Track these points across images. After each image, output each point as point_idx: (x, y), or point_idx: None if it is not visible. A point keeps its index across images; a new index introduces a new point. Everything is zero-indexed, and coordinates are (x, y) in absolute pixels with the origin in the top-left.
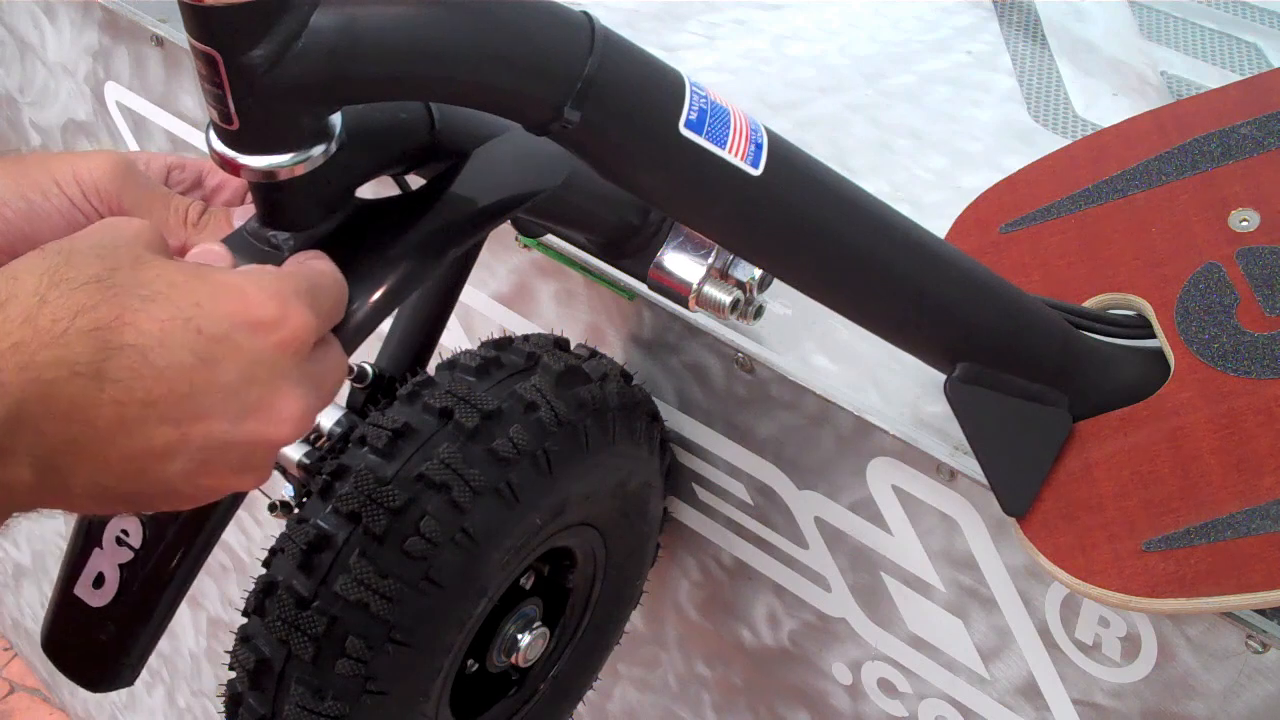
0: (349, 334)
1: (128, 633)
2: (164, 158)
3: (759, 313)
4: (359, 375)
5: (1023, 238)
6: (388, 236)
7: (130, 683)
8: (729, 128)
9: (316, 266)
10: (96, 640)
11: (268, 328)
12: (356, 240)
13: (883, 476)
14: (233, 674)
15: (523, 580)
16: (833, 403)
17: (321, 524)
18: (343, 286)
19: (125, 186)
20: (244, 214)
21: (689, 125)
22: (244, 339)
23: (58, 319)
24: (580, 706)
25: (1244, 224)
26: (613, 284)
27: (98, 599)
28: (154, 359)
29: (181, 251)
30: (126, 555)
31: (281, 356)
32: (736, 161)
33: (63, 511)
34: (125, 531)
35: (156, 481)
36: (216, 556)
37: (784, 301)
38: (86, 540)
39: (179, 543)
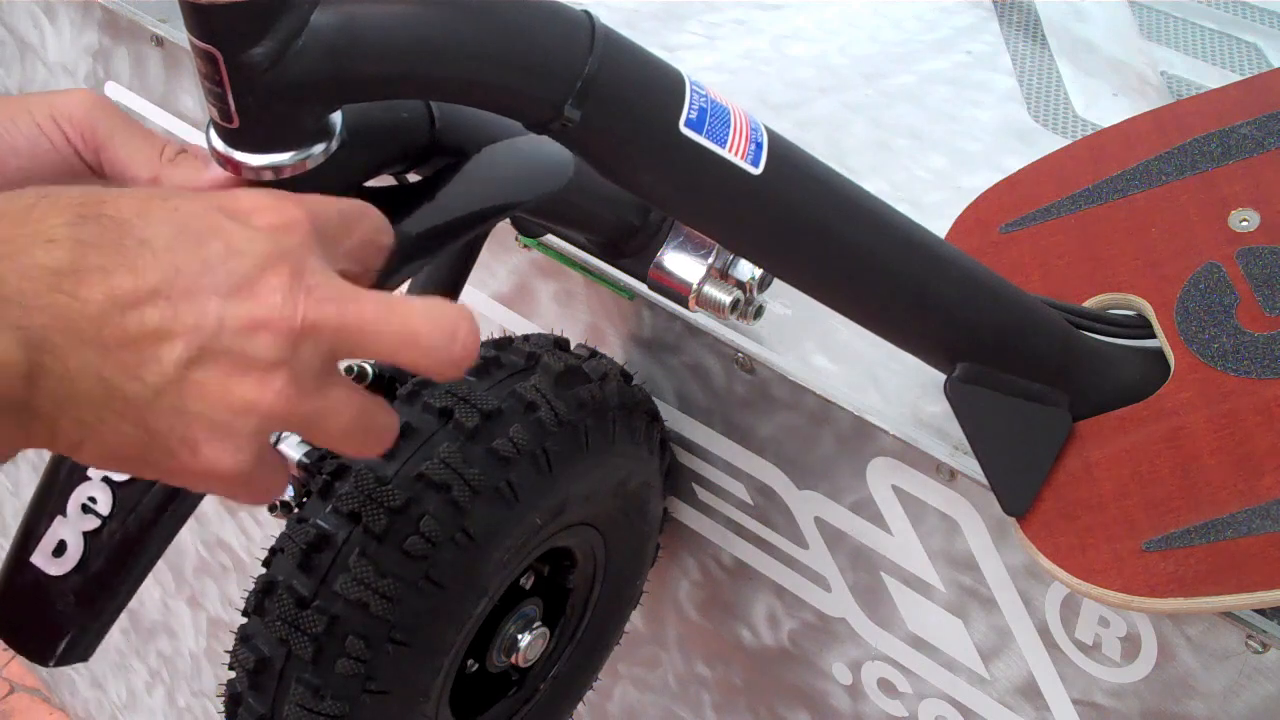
0: None
1: (88, 605)
2: (160, 138)
3: (759, 313)
4: (359, 375)
5: (1023, 238)
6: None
7: (85, 658)
8: (729, 127)
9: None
10: (52, 611)
11: (248, 212)
12: None
13: (883, 476)
14: (233, 674)
15: (523, 580)
16: (833, 403)
17: (321, 524)
18: (363, 206)
19: (99, 115)
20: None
21: (689, 124)
22: (225, 221)
23: (33, 205)
24: (580, 706)
25: (1244, 224)
26: (613, 284)
27: (56, 568)
28: (135, 230)
29: (154, 183)
30: (93, 523)
31: (270, 235)
32: (737, 160)
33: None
34: (93, 499)
35: (159, 375)
36: (216, 556)
37: (784, 301)
38: (49, 507)
39: (150, 512)
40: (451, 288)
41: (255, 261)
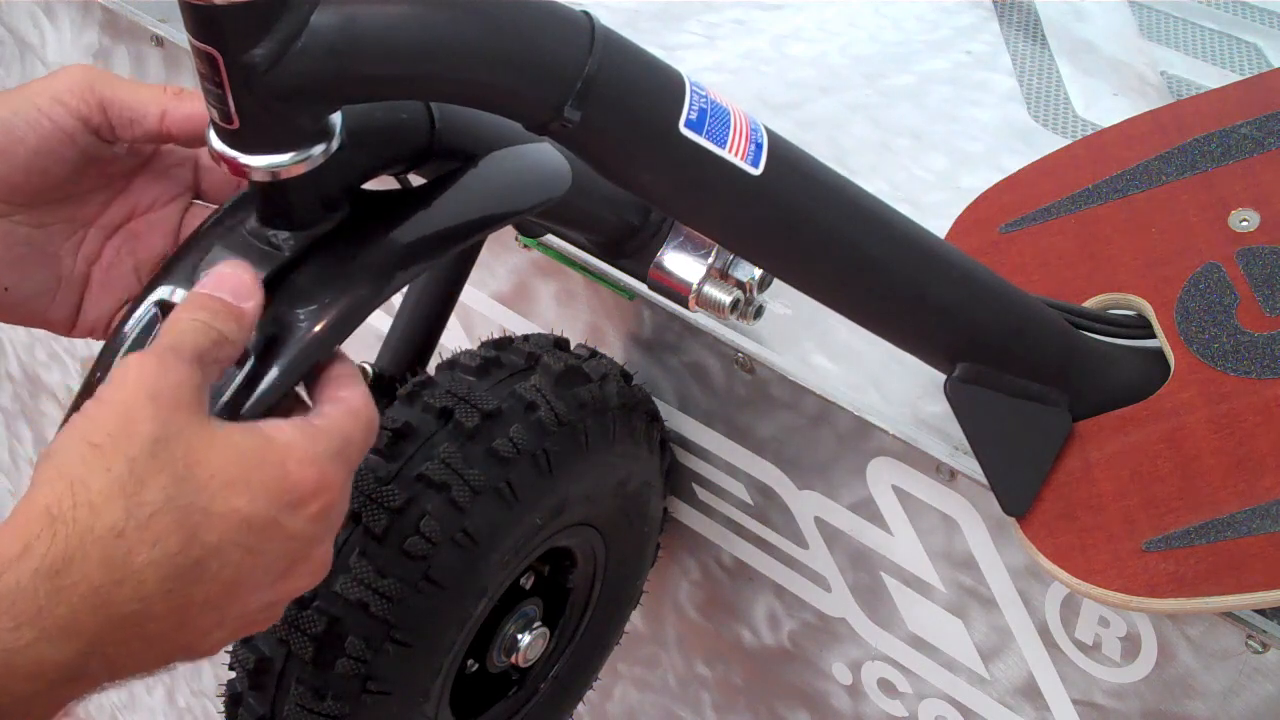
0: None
1: None
2: (158, 85)
3: (759, 313)
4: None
5: (1023, 238)
6: (385, 235)
7: None
8: (729, 127)
9: (350, 407)
10: None
11: (306, 501)
12: (356, 238)
13: (883, 476)
14: (233, 674)
15: (523, 580)
16: (833, 403)
17: None
18: (373, 424)
19: (95, 78)
20: None
21: (689, 125)
22: (286, 518)
23: (133, 553)
24: (580, 706)
25: (1244, 224)
26: (613, 284)
27: None
28: (212, 566)
29: (161, 119)
30: None
31: (318, 525)
32: (736, 161)
33: None
34: None
35: (192, 651)
36: None
37: (784, 301)
38: None
39: None
40: (450, 290)
41: (299, 556)
